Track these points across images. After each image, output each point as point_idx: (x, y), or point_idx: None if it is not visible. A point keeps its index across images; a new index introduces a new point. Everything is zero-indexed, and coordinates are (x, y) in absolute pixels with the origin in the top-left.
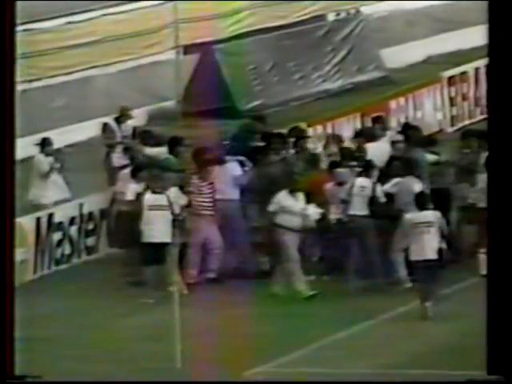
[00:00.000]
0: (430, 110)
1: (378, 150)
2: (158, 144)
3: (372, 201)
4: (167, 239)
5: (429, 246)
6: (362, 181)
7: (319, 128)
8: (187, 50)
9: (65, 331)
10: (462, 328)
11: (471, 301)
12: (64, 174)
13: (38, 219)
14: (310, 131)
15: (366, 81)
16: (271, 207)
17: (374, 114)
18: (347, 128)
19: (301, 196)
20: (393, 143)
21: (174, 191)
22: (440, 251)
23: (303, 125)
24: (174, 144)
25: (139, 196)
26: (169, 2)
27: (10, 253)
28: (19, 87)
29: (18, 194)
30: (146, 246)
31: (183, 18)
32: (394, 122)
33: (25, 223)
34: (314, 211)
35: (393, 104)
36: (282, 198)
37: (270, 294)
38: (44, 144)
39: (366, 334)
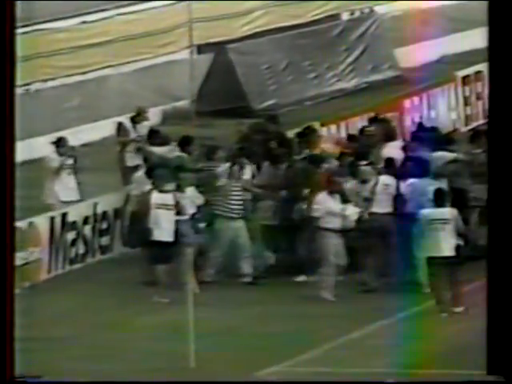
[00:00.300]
0: (444, 109)
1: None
2: (163, 143)
3: (396, 198)
4: (171, 238)
5: (445, 242)
6: (385, 178)
7: (333, 127)
8: (201, 49)
9: (79, 330)
10: (476, 327)
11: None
12: (77, 175)
13: (52, 219)
14: (324, 131)
15: (380, 80)
16: (316, 211)
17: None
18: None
19: (338, 197)
20: (406, 143)
21: (190, 190)
22: (457, 248)
23: (317, 124)
24: (185, 143)
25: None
26: (183, 1)
27: (10, 254)
28: (33, 87)
29: (33, 194)
30: (153, 245)
31: (197, 17)
32: (408, 121)
33: (39, 223)
34: (353, 211)
35: (407, 103)
36: (323, 199)
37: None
38: (59, 143)
39: (380, 334)
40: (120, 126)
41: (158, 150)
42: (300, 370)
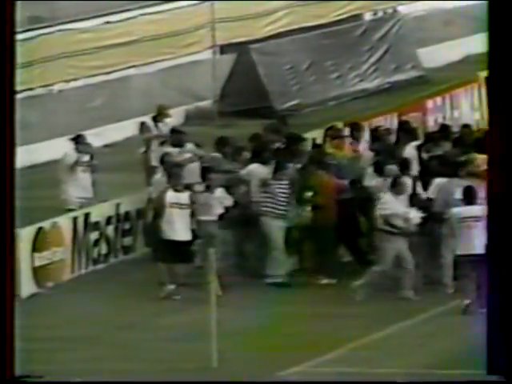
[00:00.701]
0: (467, 109)
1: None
2: (180, 145)
3: (412, 198)
4: (186, 237)
5: (477, 240)
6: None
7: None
8: (224, 49)
9: (102, 330)
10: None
11: None
12: (93, 174)
13: (75, 219)
14: (347, 131)
15: (403, 80)
16: (384, 211)
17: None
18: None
19: (403, 198)
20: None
21: (219, 191)
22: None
23: (340, 124)
24: (221, 144)
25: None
26: (206, 1)
27: (10, 255)
28: (56, 87)
29: (56, 193)
30: (165, 243)
31: (220, 17)
32: (431, 122)
33: (62, 223)
34: (415, 214)
35: (430, 104)
36: (390, 200)
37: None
38: (77, 140)
39: (404, 334)
40: (143, 125)
41: (174, 151)
42: (322, 371)
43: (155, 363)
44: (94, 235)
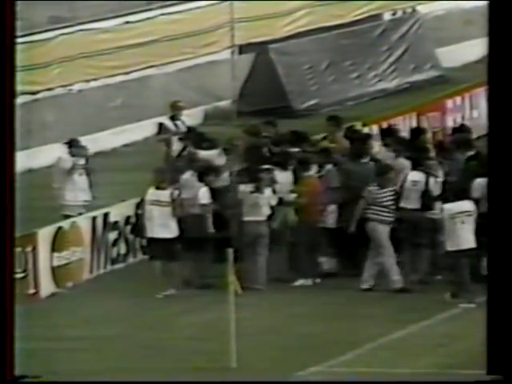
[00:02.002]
0: (486, 109)
1: None
2: (211, 147)
3: (424, 195)
4: (166, 235)
5: (468, 235)
6: (414, 174)
7: (375, 128)
8: (243, 49)
9: (121, 330)
10: None
11: None
12: (89, 176)
13: (94, 219)
14: (366, 130)
15: (423, 80)
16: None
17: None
18: (403, 128)
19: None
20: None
21: (268, 191)
22: (479, 241)
23: (359, 124)
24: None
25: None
26: (225, 1)
27: (9, 255)
28: (76, 87)
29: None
30: (148, 241)
31: (239, 17)
32: (450, 122)
33: (81, 223)
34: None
35: (449, 103)
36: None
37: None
38: (71, 144)
39: (422, 334)
40: (161, 126)
41: (205, 155)
42: (341, 371)
43: (174, 362)
44: (113, 235)
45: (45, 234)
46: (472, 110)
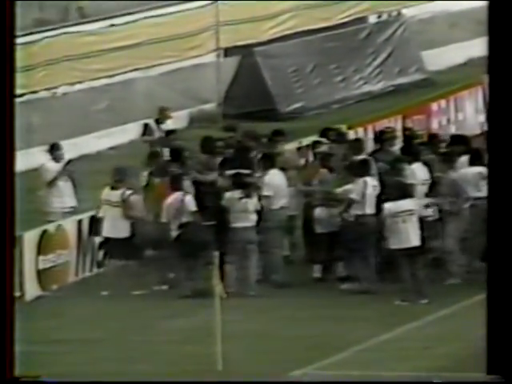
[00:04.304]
0: (471, 112)
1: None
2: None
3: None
4: (116, 235)
5: (412, 233)
6: (370, 180)
7: (360, 130)
8: (228, 52)
9: (106, 333)
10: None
11: None
12: (74, 181)
13: (80, 221)
14: (351, 134)
15: (408, 83)
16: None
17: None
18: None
19: None
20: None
21: (256, 198)
22: (422, 239)
23: (344, 127)
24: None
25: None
26: (210, 4)
27: (9, 255)
28: (60, 90)
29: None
30: (104, 240)
31: (224, 20)
32: (435, 125)
33: (67, 226)
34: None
35: (434, 106)
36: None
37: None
38: (52, 150)
39: (410, 336)
40: (146, 126)
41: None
42: (328, 373)
43: (159, 366)
44: (98, 238)
45: (30, 237)
46: (457, 113)
